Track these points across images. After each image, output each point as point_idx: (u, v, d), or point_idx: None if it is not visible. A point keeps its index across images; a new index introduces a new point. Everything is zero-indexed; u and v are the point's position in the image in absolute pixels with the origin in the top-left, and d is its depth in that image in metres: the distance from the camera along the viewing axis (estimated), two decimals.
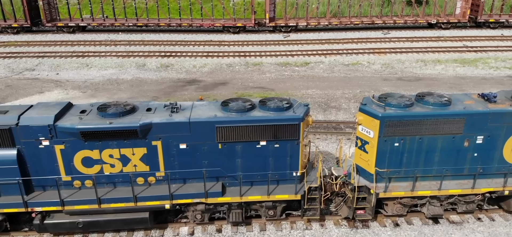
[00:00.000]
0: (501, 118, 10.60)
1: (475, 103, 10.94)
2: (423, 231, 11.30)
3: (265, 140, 10.43)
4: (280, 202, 11.10)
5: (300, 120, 10.30)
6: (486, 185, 11.19)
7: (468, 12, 36.38)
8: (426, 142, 10.77)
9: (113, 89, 23.48)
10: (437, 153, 10.93)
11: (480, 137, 10.80)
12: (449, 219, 11.77)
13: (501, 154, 11.05)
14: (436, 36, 34.69)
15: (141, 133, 9.88)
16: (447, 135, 10.69)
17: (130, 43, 33.14)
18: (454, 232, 11.26)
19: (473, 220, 11.75)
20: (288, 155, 10.71)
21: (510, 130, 10.75)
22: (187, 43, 33.09)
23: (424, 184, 11.22)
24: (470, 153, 10.98)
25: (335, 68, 27.25)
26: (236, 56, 29.60)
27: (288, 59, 29.16)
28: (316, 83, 24.67)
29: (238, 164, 10.65)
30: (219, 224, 11.45)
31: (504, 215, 11.93)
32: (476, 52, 29.89)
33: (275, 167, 10.80)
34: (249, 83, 24.90)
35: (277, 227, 11.41)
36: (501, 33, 36.10)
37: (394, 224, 11.59)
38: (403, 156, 10.92)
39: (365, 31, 36.70)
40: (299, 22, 36.45)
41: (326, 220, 11.73)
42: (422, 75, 25.67)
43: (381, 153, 10.84)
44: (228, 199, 10.64)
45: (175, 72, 26.63)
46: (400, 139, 10.70)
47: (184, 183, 10.75)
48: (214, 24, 36.14)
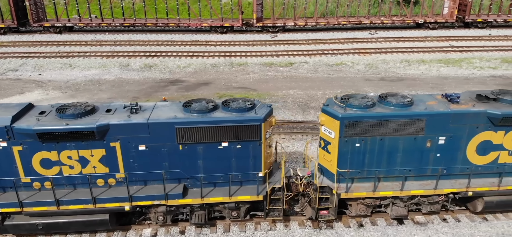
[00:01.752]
0: (463, 119, 10.59)
1: (438, 104, 10.92)
2: (387, 232, 11.27)
3: (226, 141, 10.38)
4: (244, 203, 11.07)
5: (261, 121, 10.24)
6: (449, 186, 11.17)
7: (455, 12, 36.51)
8: (387, 142, 10.75)
9: (94, 89, 23.39)
10: (399, 154, 10.91)
11: (442, 138, 10.78)
12: (414, 219, 11.75)
13: (465, 154, 11.04)
14: (423, 36, 34.72)
15: (98, 134, 9.81)
16: (409, 136, 10.66)
17: (116, 43, 33.03)
18: (418, 232, 11.24)
19: (438, 221, 11.72)
20: (251, 156, 10.66)
21: (473, 131, 10.75)
22: (173, 43, 32.98)
23: (386, 184, 11.20)
24: (432, 154, 10.97)
25: (319, 69, 27.24)
26: (221, 56, 29.55)
27: (273, 60, 29.12)
28: (299, 83, 24.65)
29: (200, 166, 10.59)
30: (183, 225, 11.41)
31: (470, 216, 11.91)
32: (462, 52, 29.93)
33: (237, 168, 10.76)
34: (232, 83, 24.85)
35: (241, 228, 11.36)
36: (489, 33, 36.20)
37: (358, 224, 11.57)
38: (365, 157, 10.91)
39: (353, 31, 36.71)
40: (286, 22, 36.41)
41: (291, 221, 11.70)
42: (405, 75, 25.68)
43: (342, 153, 10.82)
44: (189, 201, 10.58)
45: (158, 72, 26.53)
46: (361, 139, 10.68)
47: (145, 184, 10.68)
48: (201, 24, 36.07)
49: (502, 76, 25.60)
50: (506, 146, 10.97)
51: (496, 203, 11.28)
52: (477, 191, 11.10)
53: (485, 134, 10.78)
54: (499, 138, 10.85)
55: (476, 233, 11.18)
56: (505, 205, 11.37)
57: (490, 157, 11.10)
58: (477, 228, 11.39)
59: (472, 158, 11.09)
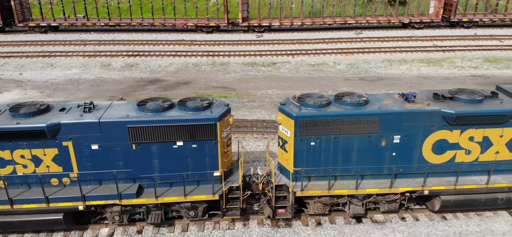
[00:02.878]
0: (417, 118, 10.61)
1: (393, 103, 10.93)
2: (344, 230, 11.30)
3: (181, 140, 10.38)
4: (201, 203, 11.09)
5: (216, 120, 10.26)
6: (405, 184, 11.20)
7: (441, 12, 36.63)
8: (342, 141, 10.78)
9: (72, 89, 23.34)
10: (354, 153, 10.95)
11: (397, 137, 10.81)
12: (372, 218, 11.78)
13: (421, 153, 11.07)
14: (408, 36, 34.78)
15: (50, 134, 9.79)
16: (363, 134, 10.70)
17: (100, 43, 33.00)
18: (375, 231, 11.28)
19: (397, 220, 11.75)
20: (207, 155, 10.66)
21: (428, 130, 10.79)
22: (157, 42, 32.93)
23: (343, 183, 11.24)
24: (388, 153, 11.00)
25: (300, 69, 27.26)
26: (204, 56, 29.52)
27: (256, 59, 29.11)
28: (279, 83, 24.66)
29: (155, 165, 10.58)
30: (141, 225, 11.40)
31: (430, 215, 11.95)
32: (444, 51, 30.00)
33: (194, 167, 10.75)
34: (212, 83, 24.85)
35: (199, 228, 11.35)
36: (474, 32, 36.34)
37: (316, 223, 11.59)
38: (321, 155, 10.93)
39: (339, 31, 36.73)
40: (272, 22, 36.42)
41: (251, 220, 11.71)
42: (385, 75, 25.73)
43: (298, 152, 10.85)
44: (144, 201, 10.57)
45: (139, 72, 26.49)
46: (316, 138, 10.71)
47: (100, 184, 10.68)
48: (187, 23, 36.10)
49: (482, 76, 25.69)
50: (462, 145, 11.02)
51: (453, 202, 11.29)
52: (433, 190, 11.14)
53: (440, 133, 10.82)
54: (454, 137, 10.90)
55: (433, 232, 11.21)
56: (462, 204, 11.38)
57: (447, 156, 11.14)
58: (434, 227, 11.43)
59: (428, 157, 11.14)
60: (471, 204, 11.37)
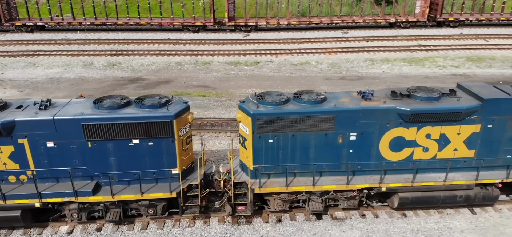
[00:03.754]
0: (373, 115, 10.68)
1: (350, 101, 11.01)
2: (303, 227, 11.35)
3: (137, 138, 10.41)
4: (160, 201, 11.14)
5: (172, 118, 10.29)
6: (363, 181, 11.26)
7: (427, 11, 36.75)
8: (299, 138, 10.84)
9: (52, 88, 23.35)
10: (312, 150, 11.01)
11: (353, 134, 10.88)
12: (332, 215, 11.85)
13: (378, 150, 11.13)
14: (394, 35, 34.83)
15: (4, 131, 9.80)
16: (320, 132, 10.76)
17: (85, 42, 33.03)
18: (333, 228, 11.34)
19: (357, 217, 11.82)
20: (164, 153, 10.69)
21: (384, 127, 10.85)
22: (142, 41, 32.89)
23: (302, 180, 11.30)
24: (345, 150, 11.07)
25: (283, 68, 27.30)
26: (187, 55, 29.51)
27: (239, 59, 29.16)
28: (259, 82, 24.71)
29: (111, 163, 10.61)
30: (101, 223, 11.45)
31: (390, 212, 12.00)
32: (427, 50, 30.10)
33: (151, 165, 10.78)
34: (193, 81, 24.90)
35: (159, 226, 11.40)
36: (460, 32, 36.48)
37: (277, 220, 11.66)
38: (279, 152, 10.98)
39: (325, 31, 36.77)
40: (259, 21, 36.51)
41: (212, 217, 11.77)
42: (366, 74, 25.81)
43: (256, 149, 10.91)
44: (100, 198, 10.61)
45: (121, 71, 26.50)
46: (274, 136, 10.76)
47: (57, 181, 10.73)
48: (173, 23, 36.14)
49: (463, 75, 25.81)
50: (420, 143, 11.08)
51: (411, 199, 11.36)
52: (390, 187, 11.20)
53: (396, 131, 10.88)
54: (411, 135, 10.96)
55: (391, 229, 11.27)
56: (420, 201, 11.46)
57: (404, 154, 11.20)
58: (393, 224, 11.49)
59: (385, 154, 11.19)
60: (430, 201, 11.45)
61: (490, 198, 11.46)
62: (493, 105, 10.63)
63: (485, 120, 10.80)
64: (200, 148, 12.63)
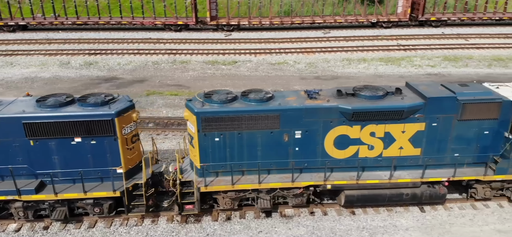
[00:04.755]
0: (316, 114, 10.72)
1: (295, 100, 11.04)
2: (250, 225, 11.36)
3: (79, 136, 10.42)
4: (106, 199, 11.11)
5: (113, 116, 10.28)
6: (309, 179, 11.30)
7: (408, 11, 36.86)
8: (246, 137, 10.86)
9: (25, 88, 23.26)
10: (259, 148, 11.03)
11: (298, 132, 10.91)
12: (282, 213, 11.89)
13: (323, 148, 11.17)
14: (375, 35, 34.88)
15: None
16: (265, 130, 10.79)
17: (66, 41, 32.93)
18: (280, 225, 11.36)
19: (306, 214, 11.85)
20: (107, 151, 10.69)
21: (328, 126, 10.88)
22: (123, 40, 32.78)
23: (250, 178, 11.31)
24: (291, 148, 11.10)
25: (260, 68, 27.33)
26: (166, 54, 29.46)
27: (218, 58, 29.17)
28: (234, 81, 24.73)
29: (55, 161, 10.60)
30: (49, 221, 11.42)
31: (340, 210, 12.01)
32: (406, 50, 30.18)
33: (95, 164, 10.77)
34: (168, 81, 24.89)
35: (106, 224, 11.41)
36: (441, 31, 36.63)
37: (226, 218, 11.69)
38: (226, 151, 11.01)
39: (308, 31, 36.81)
40: (241, 21, 36.57)
41: (161, 216, 11.77)
42: (341, 73, 25.86)
43: (203, 148, 10.93)
44: (43, 197, 10.59)
45: (97, 70, 26.47)
46: (220, 134, 10.79)
47: (3, 180, 10.71)
48: (155, 22, 36.11)
49: (438, 74, 25.91)
50: (364, 141, 11.12)
51: (357, 197, 11.40)
52: (335, 185, 11.25)
53: (340, 129, 10.93)
54: (355, 133, 11.00)
55: (337, 227, 11.32)
56: (367, 199, 11.49)
57: (350, 151, 11.25)
58: (340, 221, 11.52)
59: (331, 152, 11.23)
60: (376, 199, 11.49)
61: (437, 196, 11.52)
62: (436, 103, 10.69)
63: (429, 118, 10.86)
64: (162, 148, 12.71)
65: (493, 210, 11.91)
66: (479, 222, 11.37)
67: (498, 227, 11.17)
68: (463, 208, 12.03)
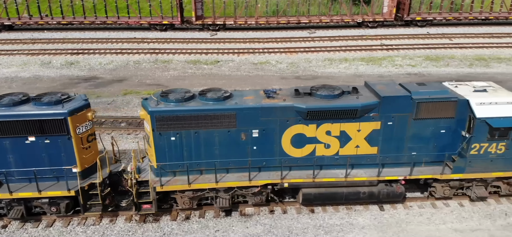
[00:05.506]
0: (272, 113, 10.73)
1: (253, 99, 11.05)
2: (208, 224, 11.37)
3: (33, 135, 10.39)
4: (62, 199, 11.08)
5: (66, 115, 10.25)
6: (266, 177, 11.30)
7: (394, 11, 36.94)
8: (203, 136, 10.87)
9: (4, 87, 23.12)
10: (216, 147, 11.04)
11: (255, 131, 10.92)
12: (242, 211, 11.91)
13: (281, 147, 11.19)
14: (360, 34, 34.94)
15: None
16: (222, 129, 10.80)
17: (49, 41, 32.84)
18: (238, 224, 11.36)
19: (265, 213, 11.85)
20: (62, 151, 10.67)
21: (284, 124, 10.90)
22: (107, 40, 32.70)
23: (208, 177, 11.30)
24: (249, 147, 11.12)
25: (242, 67, 27.35)
26: (148, 54, 29.44)
27: (200, 57, 29.17)
28: (214, 81, 24.71)
29: (10, 160, 10.56)
30: (8, 220, 11.38)
31: (299, 209, 12.01)
32: (388, 50, 30.24)
33: (50, 163, 10.75)
34: (147, 80, 24.86)
35: (64, 224, 11.37)
36: (427, 31, 36.73)
37: (185, 217, 11.69)
38: (183, 150, 11.00)
39: (293, 31, 36.80)
40: (227, 20, 36.60)
41: (120, 216, 11.76)
42: (322, 73, 25.89)
43: (159, 147, 10.92)
44: None
45: (77, 70, 26.41)
46: (176, 133, 10.78)
47: None
48: (140, 22, 36.07)
49: (417, 74, 25.98)
50: (321, 139, 11.15)
51: (314, 195, 11.41)
52: (292, 183, 11.27)
53: (296, 128, 10.95)
54: (311, 131, 11.02)
55: (294, 225, 11.33)
56: (324, 197, 11.50)
57: (307, 150, 11.27)
58: (298, 220, 11.54)
59: (288, 150, 11.25)
60: (333, 197, 11.51)
61: (395, 195, 11.55)
62: (390, 102, 10.72)
63: (385, 117, 10.89)
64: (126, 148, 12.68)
65: (453, 209, 11.99)
66: (437, 221, 11.43)
67: (455, 226, 11.23)
68: (423, 207, 12.09)
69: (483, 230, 11.04)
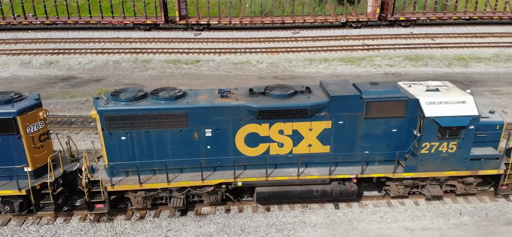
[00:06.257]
0: (224, 112, 10.78)
1: (207, 98, 11.08)
2: (162, 224, 11.40)
3: None
4: (15, 198, 11.09)
5: (15, 114, 10.26)
6: (220, 176, 11.36)
7: (377, 11, 37.06)
8: (154, 135, 10.89)
9: None
10: (169, 146, 11.07)
11: (208, 130, 10.96)
12: (197, 211, 11.94)
13: (235, 146, 11.24)
14: (343, 35, 34.99)
15: None
16: (174, 128, 10.83)
17: (32, 41, 32.76)
18: (191, 224, 11.39)
19: (221, 212, 11.89)
20: (13, 150, 10.66)
21: (237, 124, 10.95)
22: (87, 40, 32.66)
23: (161, 177, 11.32)
24: (202, 146, 11.16)
25: (222, 67, 27.39)
26: (128, 53, 29.40)
27: (181, 57, 29.17)
28: (192, 80, 24.73)
29: None
30: None
31: (256, 207, 12.04)
32: (368, 50, 30.34)
33: (2, 162, 10.71)
34: (125, 80, 24.81)
35: (18, 223, 11.37)
36: (410, 31, 36.87)
37: (140, 217, 11.70)
38: (134, 150, 11.02)
39: (277, 31, 36.86)
40: (211, 20, 36.63)
41: (74, 215, 11.78)
42: (300, 73, 25.96)
43: (109, 146, 10.94)
44: None
45: (56, 69, 26.38)
46: (126, 133, 10.79)
47: None
48: (124, 21, 36.04)
49: (395, 73, 26.06)
50: (274, 138, 11.18)
51: (268, 194, 11.45)
52: (246, 182, 11.30)
53: (250, 127, 11.00)
54: (264, 131, 11.07)
55: (247, 224, 11.36)
56: (278, 196, 11.55)
57: (261, 149, 11.31)
58: (252, 218, 11.56)
59: (242, 149, 11.30)
60: (287, 196, 11.57)
61: (347, 193, 11.62)
62: (340, 102, 10.79)
63: (335, 116, 10.96)
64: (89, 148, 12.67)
65: (407, 208, 12.07)
66: (389, 220, 11.50)
67: (406, 225, 11.30)
68: (378, 205, 12.17)
69: (434, 229, 11.14)
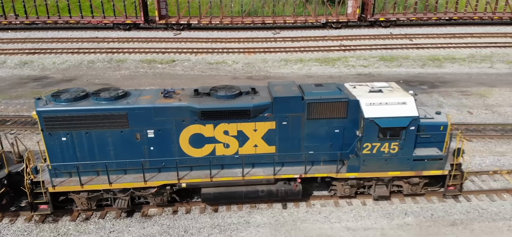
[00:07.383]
0: (167, 113, 10.78)
1: (149, 98, 11.05)
2: (105, 225, 11.35)
3: None
4: None
5: None
6: (164, 178, 11.37)
7: (358, 11, 37.23)
8: (95, 136, 10.86)
9: None
10: (111, 147, 11.04)
11: (151, 131, 10.95)
12: (144, 212, 11.93)
13: (179, 147, 11.24)
14: (322, 35, 35.11)
15: None
16: (115, 129, 10.80)
17: (10, 40, 32.55)
18: (135, 225, 11.37)
19: (168, 213, 11.88)
20: None
21: (181, 125, 10.95)
22: (65, 40, 32.54)
23: (103, 178, 11.18)
24: (145, 147, 11.14)
25: (196, 67, 27.36)
26: (103, 53, 29.32)
27: (156, 56, 29.08)
28: (164, 80, 24.67)
29: None
30: None
31: (203, 208, 12.05)
32: (344, 51, 30.46)
33: None
34: (96, 80, 24.69)
35: None
36: (390, 31, 37.05)
37: (85, 218, 11.65)
38: (75, 151, 10.98)
39: (258, 31, 36.96)
40: (191, 20, 36.60)
41: (21, 215, 11.71)
42: (274, 74, 25.99)
43: (50, 147, 10.89)
44: None
45: (30, 69, 26.22)
46: (66, 133, 10.76)
47: None
48: (104, 21, 35.91)
49: (368, 74, 26.16)
50: (219, 139, 11.21)
51: (214, 195, 11.46)
52: (190, 183, 11.33)
53: (194, 127, 11.01)
54: (209, 131, 11.08)
55: (192, 225, 11.36)
56: (223, 197, 11.56)
57: (207, 150, 11.33)
58: (197, 220, 11.57)
59: (187, 150, 11.31)
60: (233, 196, 11.59)
61: (292, 193, 11.67)
62: (282, 103, 10.84)
63: (279, 117, 11.01)
64: None
65: (354, 208, 12.15)
66: (333, 219, 11.57)
67: (349, 225, 11.38)
68: (325, 205, 12.23)
69: (376, 229, 11.23)
